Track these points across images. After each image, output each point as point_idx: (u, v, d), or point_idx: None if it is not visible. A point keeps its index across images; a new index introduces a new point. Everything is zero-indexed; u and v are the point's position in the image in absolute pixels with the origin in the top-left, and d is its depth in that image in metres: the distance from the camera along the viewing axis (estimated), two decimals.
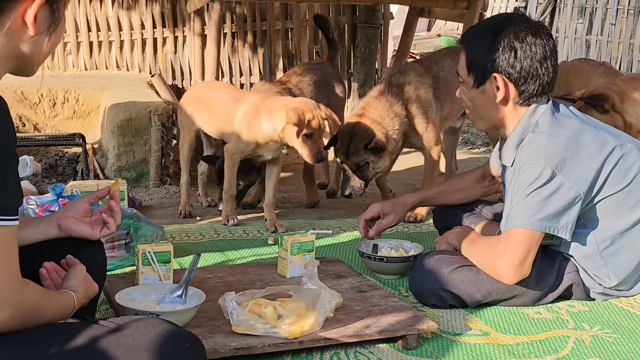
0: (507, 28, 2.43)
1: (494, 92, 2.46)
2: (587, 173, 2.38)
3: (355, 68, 6.00)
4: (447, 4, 4.88)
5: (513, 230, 2.35)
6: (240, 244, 3.31)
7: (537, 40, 2.41)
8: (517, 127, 2.49)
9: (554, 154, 2.35)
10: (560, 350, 2.22)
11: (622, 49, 8.67)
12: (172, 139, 4.69)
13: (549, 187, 2.33)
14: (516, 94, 2.45)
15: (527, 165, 2.37)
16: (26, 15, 1.50)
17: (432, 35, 12.20)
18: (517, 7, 10.94)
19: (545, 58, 2.42)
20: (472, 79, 2.50)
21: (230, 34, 5.79)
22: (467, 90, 2.54)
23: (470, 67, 2.49)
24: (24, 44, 1.53)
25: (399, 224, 3.07)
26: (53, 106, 5.12)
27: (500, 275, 2.40)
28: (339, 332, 2.13)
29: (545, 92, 2.47)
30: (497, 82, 2.44)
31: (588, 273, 2.53)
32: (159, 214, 3.90)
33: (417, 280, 2.54)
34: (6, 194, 1.44)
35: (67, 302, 1.66)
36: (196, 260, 2.31)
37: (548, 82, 2.45)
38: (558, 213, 2.34)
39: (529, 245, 2.34)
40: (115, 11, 5.68)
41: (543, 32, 2.45)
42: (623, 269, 2.52)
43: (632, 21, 8.60)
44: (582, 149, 2.40)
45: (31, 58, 1.56)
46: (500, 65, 2.42)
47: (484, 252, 2.46)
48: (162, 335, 1.51)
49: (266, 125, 3.44)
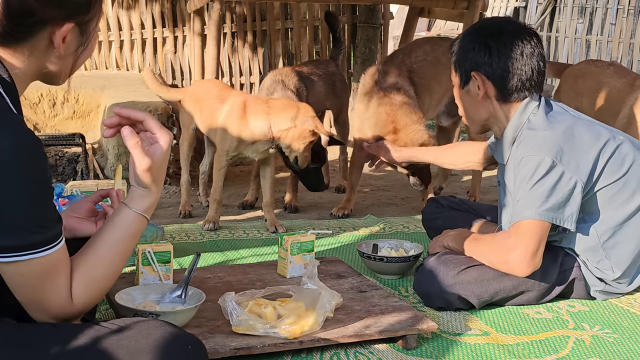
0: (486, 28, 2.55)
1: (476, 90, 2.53)
2: (585, 163, 2.42)
3: (355, 68, 6.00)
4: (447, 4, 4.88)
5: (522, 222, 2.37)
6: (240, 244, 3.31)
7: (513, 40, 2.47)
8: (510, 125, 2.53)
9: (552, 144, 2.40)
10: (560, 350, 2.22)
11: (622, 49, 8.67)
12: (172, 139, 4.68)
13: (550, 177, 2.37)
14: (495, 91, 2.51)
15: (527, 158, 2.41)
16: (55, 37, 1.50)
17: (432, 35, 12.21)
18: (517, 7, 10.94)
19: (522, 55, 2.46)
20: (458, 79, 2.59)
21: (230, 33, 5.79)
22: (457, 92, 2.63)
23: (456, 68, 2.59)
24: (52, 64, 1.54)
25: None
26: (53, 106, 5.12)
27: (513, 268, 2.41)
28: (339, 332, 2.13)
29: (527, 88, 2.50)
30: (477, 80, 2.51)
31: (589, 267, 2.55)
32: (159, 214, 3.90)
33: (424, 283, 2.53)
34: (47, 225, 1.48)
35: (126, 225, 1.65)
36: (196, 260, 2.31)
37: (529, 79, 2.48)
38: (562, 203, 2.38)
39: (539, 235, 2.37)
40: (115, 11, 5.68)
41: (525, 31, 2.49)
42: (625, 260, 2.54)
43: (632, 21, 8.60)
44: (578, 140, 2.44)
45: (58, 74, 1.58)
46: (477, 63, 2.50)
47: (492, 247, 2.47)
48: (164, 337, 1.51)
49: (258, 123, 3.40)
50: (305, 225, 3.64)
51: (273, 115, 3.38)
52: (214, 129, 3.59)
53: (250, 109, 3.44)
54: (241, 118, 3.44)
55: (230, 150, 3.50)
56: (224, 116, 3.51)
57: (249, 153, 3.52)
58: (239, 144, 3.47)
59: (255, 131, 3.42)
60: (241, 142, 3.46)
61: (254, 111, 3.42)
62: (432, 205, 3.12)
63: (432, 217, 3.08)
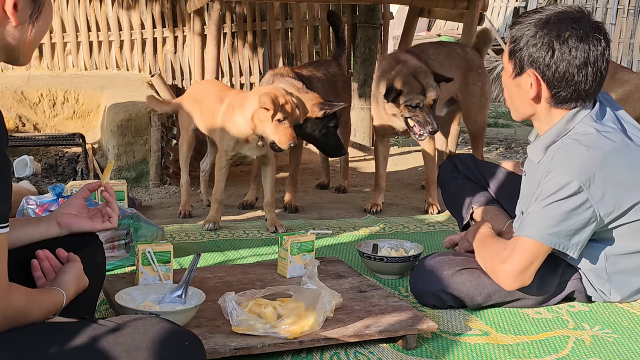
0: (553, 25, 2.31)
1: (528, 87, 2.37)
2: (611, 197, 2.29)
3: (355, 68, 6.00)
4: (447, 4, 4.88)
5: (522, 238, 2.32)
6: (240, 244, 3.31)
7: (580, 45, 2.27)
8: (553, 129, 2.39)
9: (586, 168, 2.25)
10: (560, 350, 2.22)
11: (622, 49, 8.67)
12: (172, 139, 4.68)
13: (570, 202, 2.25)
14: (549, 95, 2.35)
15: (555, 173, 2.27)
16: (6, 4, 1.49)
17: (432, 35, 12.19)
18: (517, 7, 10.94)
19: (585, 64, 2.28)
20: (511, 68, 2.41)
21: (230, 33, 5.79)
22: (506, 78, 2.46)
23: (511, 55, 2.39)
24: (9, 35, 1.52)
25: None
26: (53, 106, 5.12)
27: (500, 280, 2.39)
28: (339, 332, 2.13)
29: (582, 99, 2.34)
30: (531, 78, 2.35)
31: (592, 284, 2.51)
32: (159, 214, 3.89)
33: (418, 282, 2.53)
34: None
35: (56, 300, 1.68)
36: (196, 260, 2.31)
37: (586, 89, 2.32)
38: (572, 232, 2.29)
39: (534, 256, 2.31)
40: (115, 11, 5.68)
41: (593, 36, 2.29)
42: (626, 289, 2.49)
43: (632, 21, 8.60)
44: (617, 171, 2.29)
45: (17, 48, 1.55)
46: (537, 62, 2.32)
47: (489, 253, 2.46)
48: (161, 334, 1.51)
49: (240, 119, 3.41)
50: (305, 225, 3.64)
51: (243, 108, 3.39)
52: (214, 129, 3.59)
53: (235, 107, 3.45)
54: (232, 118, 3.45)
55: (229, 149, 3.51)
56: (221, 116, 3.52)
57: (246, 151, 3.52)
58: (235, 144, 3.48)
59: (241, 128, 3.42)
60: (237, 141, 3.47)
61: (237, 108, 3.43)
62: (449, 167, 3.08)
63: (446, 180, 3.06)
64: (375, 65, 5.99)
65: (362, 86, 5.78)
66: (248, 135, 3.44)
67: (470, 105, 4.23)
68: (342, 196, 4.39)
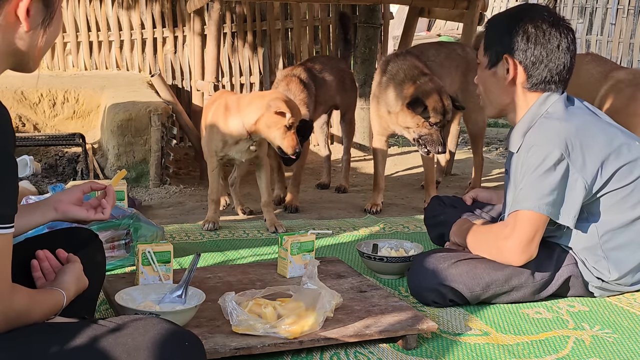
0: (526, 13, 2.51)
1: (504, 73, 2.52)
2: (592, 164, 2.41)
3: (355, 68, 5.99)
4: (447, 4, 4.89)
5: (520, 212, 2.39)
6: (240, 244, 3.31)
7: (552, 30, 2.47)
8: (527, 114, 2.53)
9: (563, 138, 2.39)
10: (560, 350, 2.22)
11: (622, 49, 8.67)
12: (172, 138, 4.68)
13: (557, 172, 2.37)
14: (525, 77, 2.50)
15: (537, 147, 2.41)
16: (19, 10, 1.49)
17: (432, 35, 12.21)
18: None
19: (558, 48, 2.46)
20: (486, 60, 2.57)
21: (230, 33, 5.78)
22: (481, 72, 2.61)
23: (487, 48, 2.58)
24: (20, 40, 1.52)
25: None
26: (53, 106, 5.12)
27: (507, 257, 2.43)
28: (339, 332, 2.13)
29: (555, 82, 2.50)
30: (507, 64, 2.50)
31: (587, 266, 2.54)
32: (159, 214, 3.90)
33: (415, 279, 2.54)
34: (4, 202, 1.45)
35: (56, 301, 1.68)
36: (196, 260, 2.31)
37: (558, 72, 2.49)
38: (563, 200, 2.39)
39: (536, 226, 2.39)
40: (115, 11, 5.67)
41: (563, 25, 2.49)
42: (624, 264, 2.53)
43: (632, 21, 8.60)
44: (591, 139, 2.43)
45: (27, 54, 1.55)
46: (512, 48, 2.48)
47: (488, 235, 2.50)
48: (161, 334, 1.52)
49: (234, 121, 3.39)
50: (305, 225, 3.64)
51: (242, 111, 3.37)
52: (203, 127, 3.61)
53: (228, 109, 3.43)
54: (223, 119, 3.43)
55: (218, 150, 3.49)
56: (210, 117, 3.51)
57: (234, 154, 3.49)
58: (224, 145, 3.46)
59: (233, 130, 3.40)
60: (225, 143, 3.46)
61: (230, 111, 3.41)
62: (435, 203, 3.13)
63: (434, 214, 3.09)
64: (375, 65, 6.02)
65: (362, 86, 5.78)
66: (240, 138, 3.42)
67: (470, 106, 4.23)
68: (342, 196, 4.39)
